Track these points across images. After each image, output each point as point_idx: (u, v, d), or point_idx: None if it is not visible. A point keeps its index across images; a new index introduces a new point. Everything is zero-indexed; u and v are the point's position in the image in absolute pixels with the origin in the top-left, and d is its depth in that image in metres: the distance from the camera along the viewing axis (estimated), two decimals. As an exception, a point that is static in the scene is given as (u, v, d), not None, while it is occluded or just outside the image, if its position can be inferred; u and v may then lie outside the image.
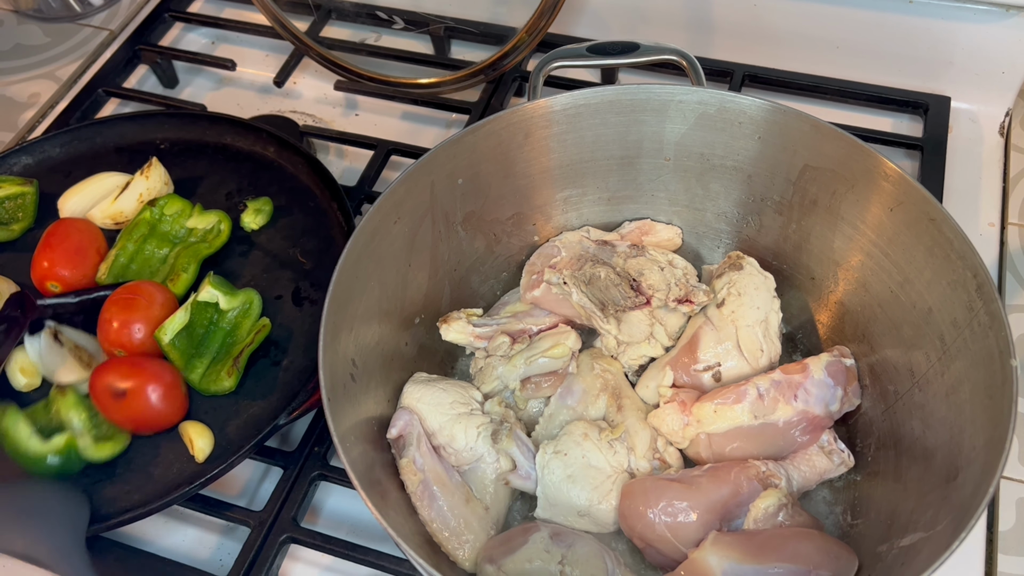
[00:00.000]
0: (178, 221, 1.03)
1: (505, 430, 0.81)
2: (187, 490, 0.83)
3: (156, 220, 1.02)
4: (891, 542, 0.72)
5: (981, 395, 0.70)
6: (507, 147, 0.88)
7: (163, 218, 1.03)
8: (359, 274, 0.79)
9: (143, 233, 1.01)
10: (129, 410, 0.86)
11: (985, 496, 0.63)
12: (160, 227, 1.02)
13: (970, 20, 1.09)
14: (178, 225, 1.03)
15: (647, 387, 0.87)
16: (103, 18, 1.42)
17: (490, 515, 0.79)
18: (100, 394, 0.86)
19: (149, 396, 0.86)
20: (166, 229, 1.03)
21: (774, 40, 1.19)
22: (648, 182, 0.94)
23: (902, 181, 0.78)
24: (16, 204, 1.06)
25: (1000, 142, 1.15)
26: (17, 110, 1.31)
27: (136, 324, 0.90)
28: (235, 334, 0.94)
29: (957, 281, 0.74)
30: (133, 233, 1.01)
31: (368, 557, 0.84)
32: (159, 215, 1.02)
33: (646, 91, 0.87)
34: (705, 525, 0.75)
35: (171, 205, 1.03)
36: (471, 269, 0.94)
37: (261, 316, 0.96)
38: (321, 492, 0.92)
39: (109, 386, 0.85)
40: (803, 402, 0.81)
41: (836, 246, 0.87)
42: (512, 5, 1.27)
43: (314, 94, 1.30)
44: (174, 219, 1.03)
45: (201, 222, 1.03)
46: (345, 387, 0.75)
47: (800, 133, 0.84)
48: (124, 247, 1.00)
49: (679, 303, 0.88)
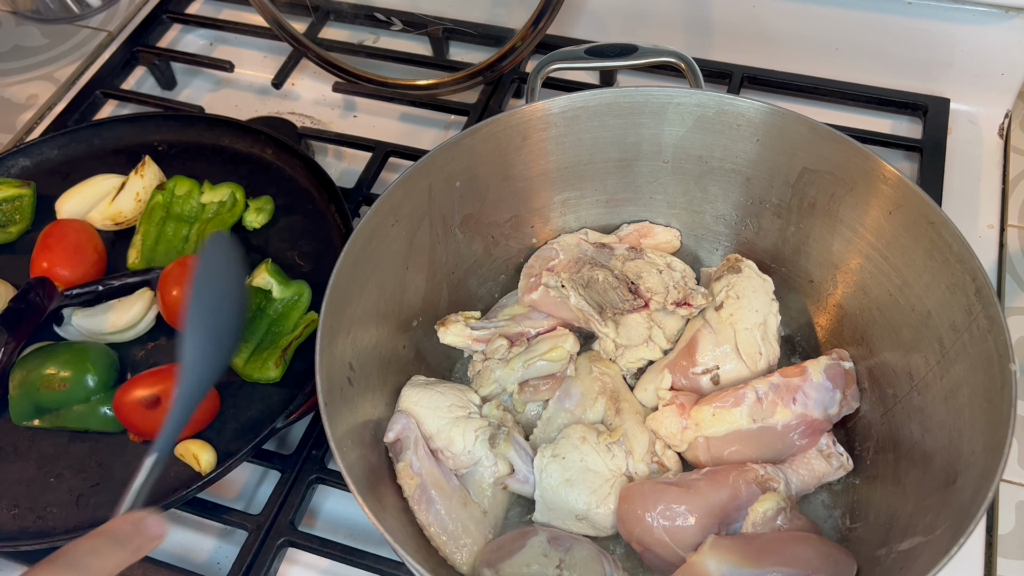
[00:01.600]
0: (188, 201, 1.05)
1: (502, 434, 0.81)
2: (184, 493, 0.83)
3: (168, 202, 1.05)
4: (890, 546, 0.72)
5: (980, 399, 0.70)
6: (505, 149, 0.88)
7: (175, 199, 1.05)
8: (356, 277, 0.78)
9: (161, 216, 1.04)
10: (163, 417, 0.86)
11: (984, 500, 0.63)
12: (173, 208, 1.05)
13: (970, 21, 1.08)
14: (189, 204, 1.05)
15: (645, 390, 0.87)
16: (101, 19, 1.42)
17: (488, 519, 0.79)
18: (129, 410, 0.86)
19: None
20: (179, 209, 1.05)
21: (773, 42, 1.19)
22: (646, 185, 0.94)
23: (901, 184, 0.78)
24: (13, 207, 1.06)
25: (999, 144, 1.14)
26: (15, 112, 1.30)
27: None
28: (281, 324, 0.95)
29: (956, 284, 0.74)
30: (152, 217, 1.04)
31: (366, 561, 0.83)
32: (170, 197, 1.05)
33: (644, 93, 0.87)
34: (703, 529, 0.75)
35: (180, 186, 1.06)
36: (469, 272, 0.93)
37: (309, 310, 0.96)
38: (319, 495, 0.91)
39: (139, 399, 0.86)
40: (802, 405, 0.80)
41: (835, 249, 0.86)
42: (511, 6, 1.27)
43: (312, 95, 1.29)
44: (185, 199, 1.05)
45: (215, 196, 1.05)
46: (342, 390, 0.74)
47: (799, 136, 0.84)
48: (147, 231, 1.03)
49: (677, 306, 0.88)
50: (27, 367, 0.91)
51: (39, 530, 0.84)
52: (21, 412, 0.90)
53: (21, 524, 0.85)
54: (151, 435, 0.87)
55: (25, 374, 0.90)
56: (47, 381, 0.89)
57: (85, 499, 0.86)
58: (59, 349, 0.93)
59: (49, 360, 0.91)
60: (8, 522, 0.85)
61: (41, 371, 0.90)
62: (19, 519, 0.85)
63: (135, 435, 0.89)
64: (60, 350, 0.92)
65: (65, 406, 0.90)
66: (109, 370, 0.92)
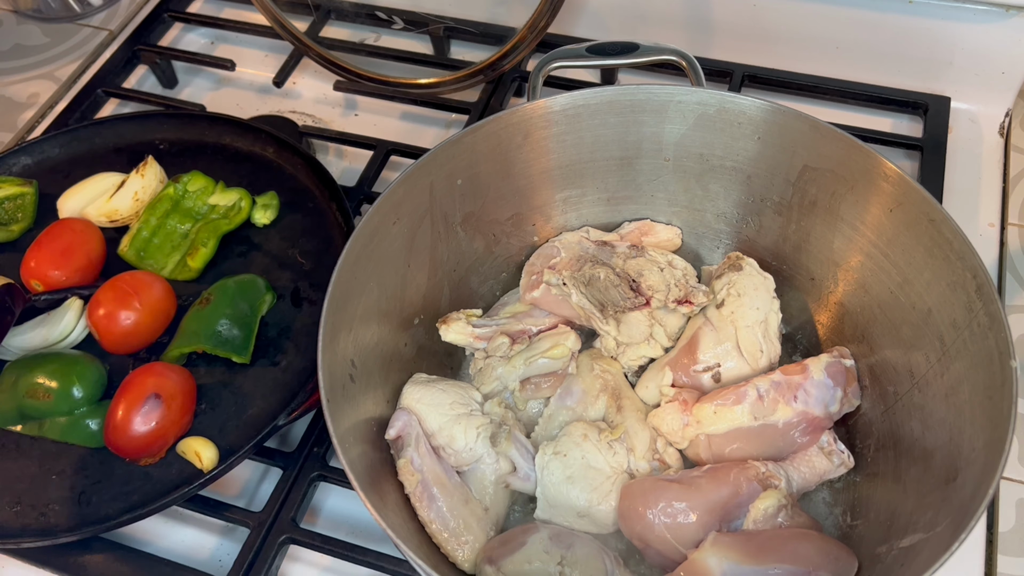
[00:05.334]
0: (201, 198, 1.05)
1: (504, 433, 0.81)
2: (186, 491, 0.83)
3: (180, 196, 1.05)
4: (890, 543, 0.72)
5: (981, 396, 0.70)
6: (506, 148, 0.88)
7: (187, 194, 1.05)
8: (358, 275, 0.79)
9: (166, 208, 1.04)
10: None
11: (985, 497, 0.63)
12: (183, 203, 1.05)
13: (970, 20, 1.08)
14: (201, 202, 1.05)
15: (647, 388, 0.87)
16: (102, 18, 1.42)
17: (489, 516, 0.79)
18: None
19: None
20: (189, 205, 1.05)
21: (774, 40, 1.19)
22: (647, 183, 0.94)
23: (902, 182, 0.78)
24: (16, 205, 1.06)
25: (1000, 142, 1.14)
26: (16, 110, 1.30)
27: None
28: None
29: (957, 282, 0.74)
30: (157, 208, 1.03)
31: (367, 558, 0.84)
32: (183, 191, 1.05)
33: (645, 91, 0.87)
34: (704, 526, 0.75)
35: (195, 181, 1.05)
36: (470, 270, 0.93)
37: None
38: (320, 493, 0.91)
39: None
40: (803, 403, 0.81)
41: (836, 247, 0.87)
42: (511, 5, 1.27)
43: (313, 94, 1.30)
44: (197, 195, 1.05)
45: (223, 199, 1.05)
46: (344, 388, 0.75)
47: (800, 133, 0.84)
48: (147, 221, 1.03)
49: (678, 304, 0.88)
50: (17, 371, 0.90)
51: (41, 527, 0.84)
52: (4, 416, 0.90)
53: (23, 521, 0.85)
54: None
55: (14, 379, 0.90)
56: (33, 390, 0.89)
57: (87, 496, 0.86)
58: (50, 358, 0.92)
59: (38, 368, 0.90)
60: (10, 519, 0.85)
61: (30, 378, 0.89)
62: (21, 516, 0.85)
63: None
64: (51, 359, 0.91)
65: (48, 416, 0.89)
66: (95, 385, 0.90)
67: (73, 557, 0.85)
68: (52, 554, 0.85)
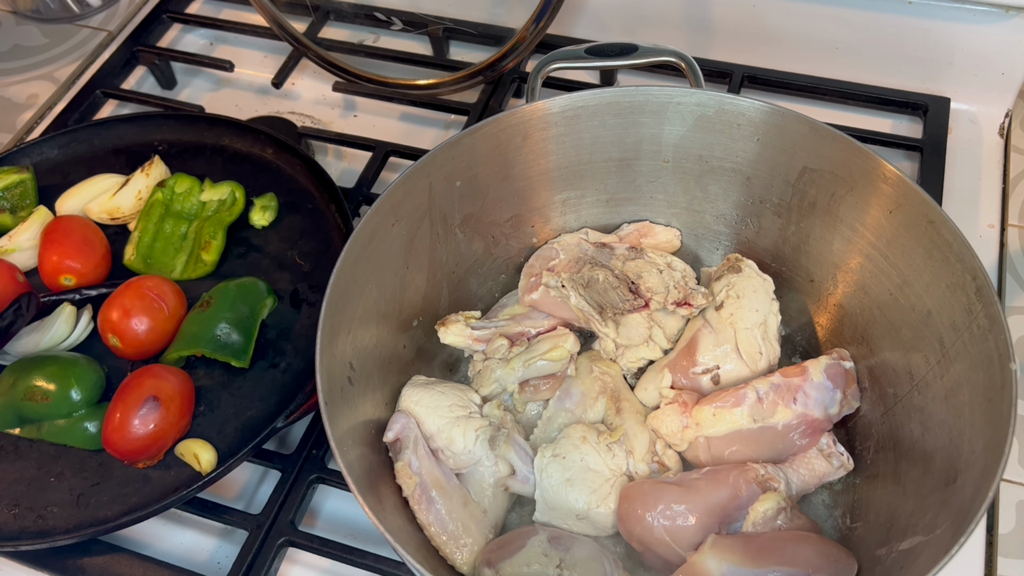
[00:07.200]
0: (189, 198, 1.06)
1: (502, 435, 0.81)
2: (185, 493, 0.83)
3: (168, 200, 1.05)
4: (890, 545, 0.72)
5: (980, 398, 0.70)
6: (505, 149, 0.88)
7: (175, 197, 1.06)
8: (357, 276, 0.78)
9: (160, 213, 1.05)
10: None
11: (985, 499, 0.63)
12: (173, 206, 1.05)
13: (970, 21, 1.08)
14: (189, 202, 1.05)
15: (646, 390, 0.87)
16: (101, 19, 1.42)
17: (488, 518, 0.79)
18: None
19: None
20: (178, 207, 1.05)
21: (773, 41, 1.19)
22: (647, 184, 0.94)
23: (901, 183, 0.78)
24: (20, 191, 1.07)
25: (1000, 143, 1.14)
26: (15, 111, 1.30)
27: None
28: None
29: (956, 284, 0.74)
30: (151, 214, 1.04)
31: (366, 560, 0.83)
32: (170, 194, 1.05)
33: (645, 93, 0.87)
34: (704, 528, 0.75)
35: (180, 184, 1.06)
36: (469, 271, 0.93)
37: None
38: (319, 495, 0.91)
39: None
40: (802, 405, 0.80)
41: (835, 248, 0.86)
42: (511, 6, 1.27)
43: (312, 95, 1.29)
44: (185, 196, 1.06)
45: (214, 194, 1.06)
46: (342, 390, 0.74)
47: (799, 135, 0.84)
48: (145, 228, 1.03)
49: (678, 306, 0.88)
50: (16, 374, 0.90)
51: (39, 530, 0.84)
52: (3, 418, 0.90)
53: (21, 524, 0.85)
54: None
55: (13, 381, 0.90)
56: (31, 393, 0.88)
57: (85, 499, 0.86)
58: (48, 360, 0.91)
59: (37, 371, 0.90)
60: (8, 522, 0.85)
61: (28, 381, 0.89)
62: (19, 519, 0.85)
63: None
64: (49, 361, 0.91)
65: (47, 419, 0.89)
66: (94, 387, 0.90)
67: (71, 560, 0.85)
68: (50, 556, 0.85)
